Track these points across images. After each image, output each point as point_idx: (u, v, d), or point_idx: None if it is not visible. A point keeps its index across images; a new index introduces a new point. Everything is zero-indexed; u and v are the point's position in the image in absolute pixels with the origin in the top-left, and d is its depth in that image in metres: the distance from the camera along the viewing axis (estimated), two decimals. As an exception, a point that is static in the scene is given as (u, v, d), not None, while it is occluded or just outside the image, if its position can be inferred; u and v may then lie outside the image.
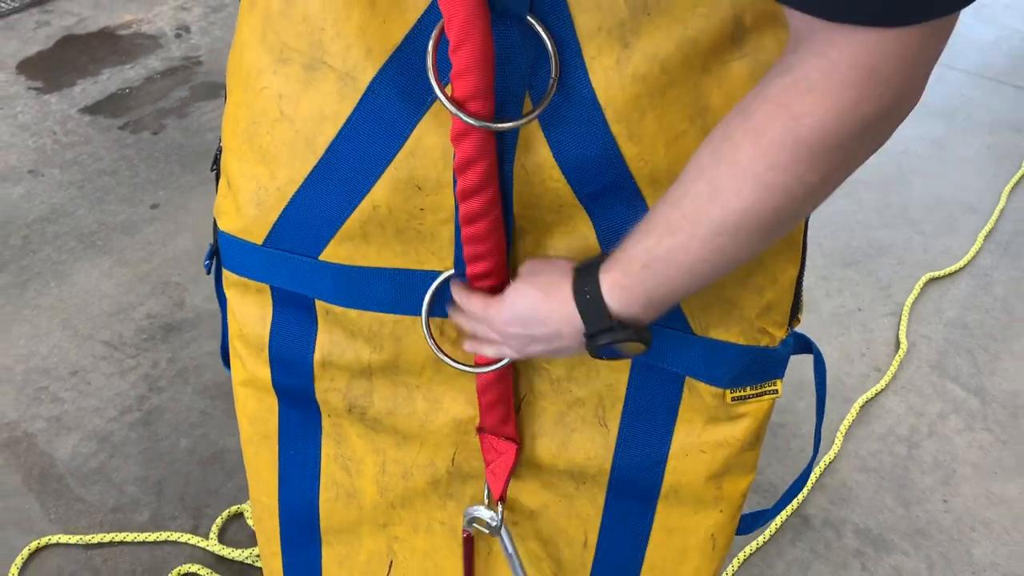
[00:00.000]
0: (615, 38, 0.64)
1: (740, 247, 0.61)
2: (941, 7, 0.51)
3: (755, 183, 0.57)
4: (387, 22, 0.66)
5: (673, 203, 0.62)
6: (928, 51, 0.53)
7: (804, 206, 0.59)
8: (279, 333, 0.87)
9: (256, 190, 0.77)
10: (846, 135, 0.55)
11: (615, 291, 0.65)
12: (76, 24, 2.76)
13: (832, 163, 0.56)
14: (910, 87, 0.55)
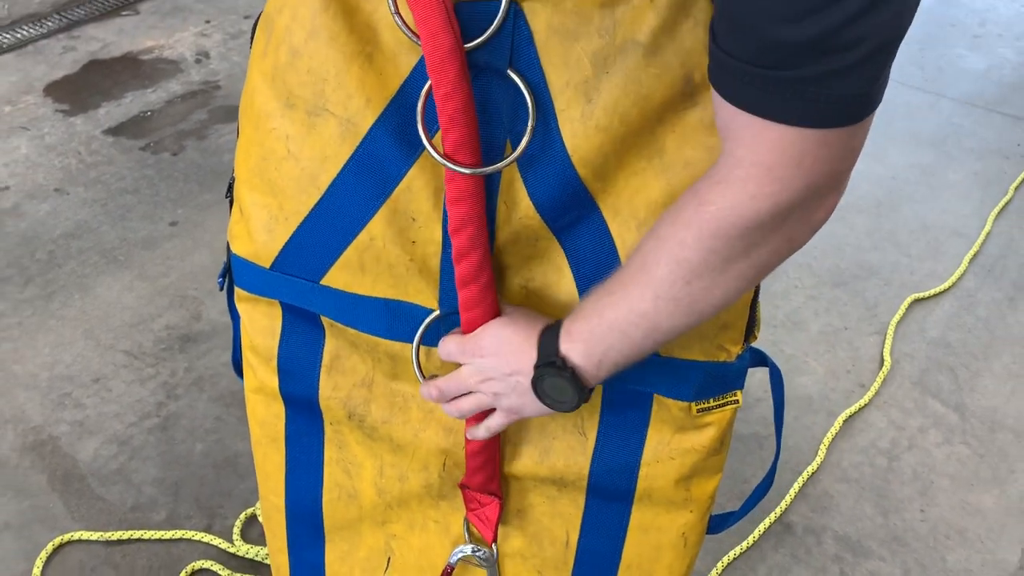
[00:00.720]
0: (580, 93, 0.73)
1: (659, 316, 0.70)
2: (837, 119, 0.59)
3: (668, 255, 0.68)
4: (383, 74, 0.75)
5: (621, 268, 0.73)
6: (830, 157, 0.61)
7: (712, 286, 0.68)
8: (287, 344, 0.95)
9: (266, 219, 0.86)
10: (744, 224, 0.64)
11: (565, 334, 0.74)
12: (101, 49, 2.88)
13: (730, 249, 0.66)
14: (808, 188, 0.62)
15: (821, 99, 0.58)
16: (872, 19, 0.55)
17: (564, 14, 0.71)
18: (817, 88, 0.58)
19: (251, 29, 0.92)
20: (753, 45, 0.59)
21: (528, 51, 0.73)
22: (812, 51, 0.56)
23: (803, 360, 1.94)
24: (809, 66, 0.57)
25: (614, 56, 0.72)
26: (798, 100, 0.58)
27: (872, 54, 0.57)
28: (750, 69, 0.60)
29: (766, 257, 0.67)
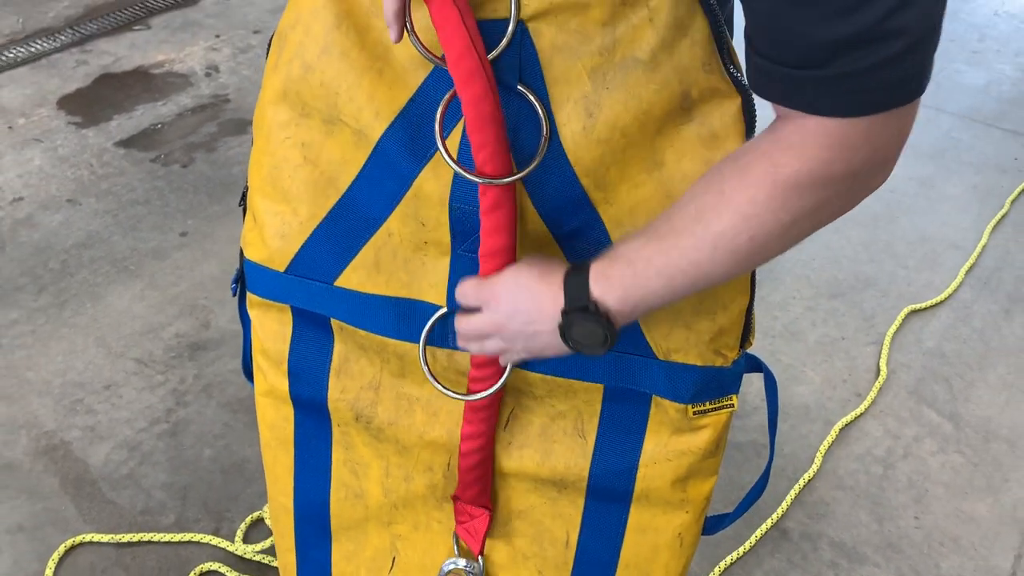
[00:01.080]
0: (581, 108, 0.77)
1: (714, 266, 0.71)
2: (892, 102, 0.63)
3: (734, 211, 0.69)
4: (392, 89, 0.80)
5: (666, 217, 0.73)
6: (890, 131, 0.65)
7: (773, 241, 0.70)
8: (297, 348, 0.98)
9: (280, 225, 0.90)
10: (817, 186, 0.66)
11: (598, 278, 0.74)
12: (113, 63, 2.93)
13: (801, 208, 0.68)
14: (877, 157, 0.67)
15: (870, 89, 0.61)
16: (907, 12, 0.58)
17: (567, 33, 0.75)
18: (864, 80, 0.61)
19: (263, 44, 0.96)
20: (799, 49, 0.62)
21: (533, 67, 0.77)
22: (853, 47, 0.60)
23: (800, 370, 1.97)
24: (853, 61, 0.60)
25: (614, 72, 0.76)
26: (848, 95, 0.62)
27: (913, 44, 0.60)
28: (799, 73, 0.63)
29: (827, 215, 0.70)
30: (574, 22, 0.75)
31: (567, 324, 0.76)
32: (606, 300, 0.74)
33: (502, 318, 0.80)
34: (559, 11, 0.75)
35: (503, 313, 0.80)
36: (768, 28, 0.64)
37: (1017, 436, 1.84)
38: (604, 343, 0.76)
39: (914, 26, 0.59)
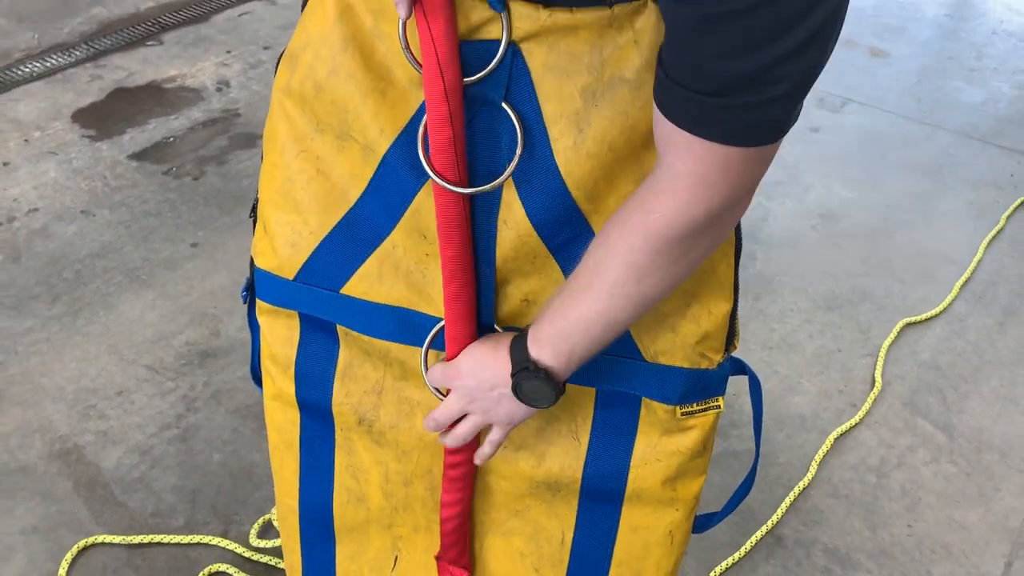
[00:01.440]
0: (572, 124, 0.82)
1: (616, 312, 0.80)
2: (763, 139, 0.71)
3: (619, 261, 0.78)
4: (395, 107, 0.85)
5: (575, 274, 0.82)
6: (749, 170, 0.73)
7: (658, 282, 0.79)
8: (304, 353, 1.03)
9: (291, 234, 0.95)
10: (684, 228, 0.75)
11: (533, 341, 0.84)
12: (126, 78, 2.99)
13: (674, 248, 0.77)
14: (734, 196, 0.75)
15: (750, 123, 0.69)
16: (794, 62, 0.66)
17: (558, 54, 0.81)
18: (746, 114, 0.69)
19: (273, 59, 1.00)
20: (697, 76, 0.69)
21: (526, 86, 0.82)
22: (746, 84, 0.67)
23: (797, 380, 2.01)
24: (741, 96, 0.68)
25: (603, 91, 0.81)
26: (730, 123, 0.70)
27: (793, 89, 0.68)
28: (693, 96, 0.70)
29: (701, 253, 0.79)
30: (564, 44, 0.80)
31: (516, 384, 0.85)
32: (542, 359, 0.83)
33: (470, 391, 0.88)
34: (550, 33, 0.80)
35: (470, 387, 0.88)
36: (675, 49, 0.70)
37: (1009, 447, 1.88)
38: (551, 397, 0.85)
39: (796, 76, 0.67)
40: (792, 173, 2.66)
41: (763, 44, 0.65)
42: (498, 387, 0.87)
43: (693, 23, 0.67)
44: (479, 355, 0.88)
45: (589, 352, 0.84)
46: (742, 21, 0.64)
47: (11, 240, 2.30)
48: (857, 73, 3.18)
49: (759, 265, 2.33)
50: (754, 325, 2.14)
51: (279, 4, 3.45)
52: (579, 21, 0.80)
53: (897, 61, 3.30)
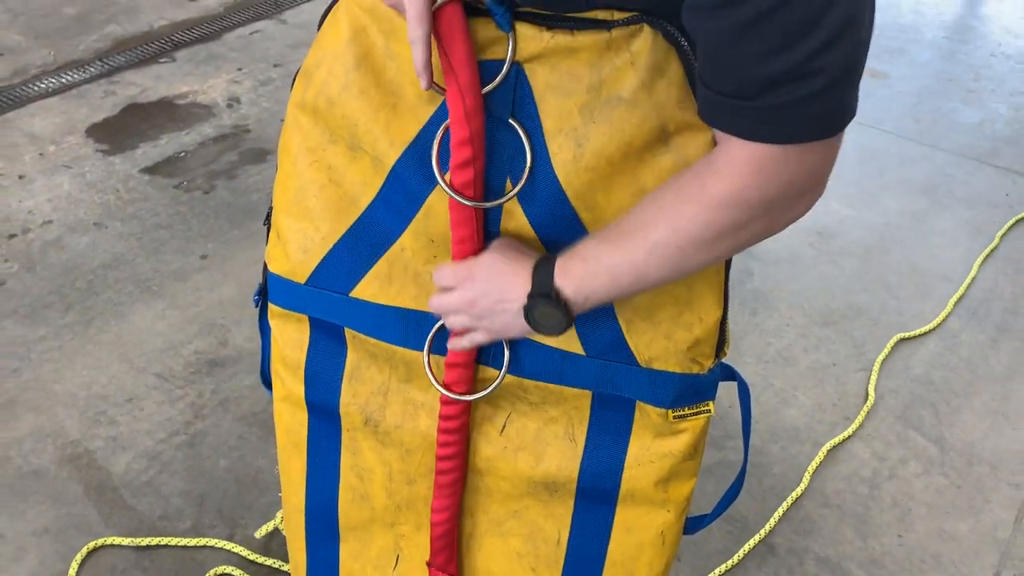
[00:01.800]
0: (571, 139, 0.87)
1: (648, 268, 0.83)
2: (810, 135, 0.73)
3: (667, 223, 0.81)
4: (405, 121, 0.90)
5: (617, 224, 0.84)
6: (807, 163, 0.75)
7: (699, 253, 0.81)
8: (314, 355, 1.08)
9: (303, 240, 1.00)
10: (737, 206, 0.78)
11: (560, 271, 0.85)
12: (139, 94, 3.06)
13: (723, 224, 0.79)
14: (794, 186, 0.77)
15: (797, 119, 0.72)
16: (828, 55, 0.68)
17: (559, 73, 0.86)
18: (792, 111, 0.71)
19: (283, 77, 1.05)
20: (736, 82, 0.73)
21: (528, 104, 0.87)
22: (785, 81, 0.70)
23: (792, 393, 2.05)
24: (781, 95, 0.70)
25: (601, 108, 0.86)
26: (778, 122, 0.72)
27: (832, 83, 0.70)
28: (736, 103, 0.73)
29: (748, 236, 0.81)
30: (565, 64, 0.86)
31: (531, 307, 0.87)
32: (565, 290, 0.85)
33: (475, 295, 0.90)
34: (552, 54, 0.86)
35: (476, 291, 0.89)
36: (713, 63, 0.74)
37: (999, 460, 1.91)
38: (561, 326, 0.87)
39: (834, 66, 0.69)
40: (790, 191, 2.71)
41: (795, 41, 0.68)
42: (506, 301, 0.88)
43: (726, 33, 0.70)
44: (498, 264, 0.89)
45: (608, 297, 0.87)
46: (769, 22, 0.67)
47: (26, 251, 2.36)
48: (856, 94, 3.24)
49: (756, 281, 2.37)
50: (751, 339, 2.18)
51: (289, 23, 3.53)
52: (579, 43, 0.86)
53: (896, 82, 3.36)
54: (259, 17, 3.56)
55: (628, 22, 0.85)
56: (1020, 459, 1.92)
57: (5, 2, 3.58)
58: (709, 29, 0.71)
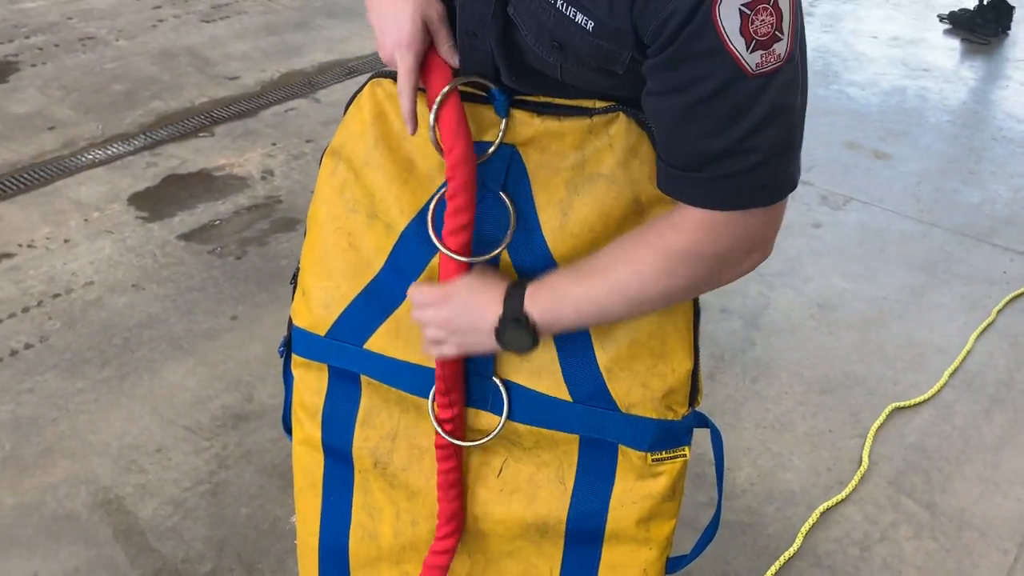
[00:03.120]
0: (558, 209, 1.01)
1: (610, 305, 0.95)
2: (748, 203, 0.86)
3: (628, 266, 0.94)
4: (415, 193, 1.05)
5: (586, 261, 0.97)
6: (750, 225, 0.89)
7: (655, 295, 0.94)
8: (331, 401, 1.20)
9: (325, 297, 1.14)
10: (688, 258, 0.91)
11: (529, 298, 0.98)
12: (179, 166, 3.26)
13: (676, 272, 0.92)
14: (741, 245, 0.90)
15: (738, 189, 0.85)
16: (760, 136, 0.82)
17: (548, 154, 1.01)
18: (730, 182, 0.85)
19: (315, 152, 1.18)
20: (684, 156, 0.87)
21: (522, 180, 1.02)
22: (721, 159, 0.84)
23: (788, 458, 2.13)
24: (721, 168, 0.84)
25: (583, 183, 1.00)
26: (718, 193, 0.86)
27: (764, 160, 0.84)
28: (685, 175, 0.87)
29: (697, 283, 0.94)
30: (554, 146, 1.01)
31: (502, 328, 0.99)
32: (533, 315, 0.98)
33: (451, 314, 1.01)
34: (542, 137, 1.01)
35: (452, 310, 1.01)
36: (666, 140, 0.88)
37: (988, 526, 1.98)
38: (528, 347, 0.99)
39: (765, 146, 0.83)
40: (793, 265, 2.83)
41: (729, 124, 0.82)
42: (478, 321, 0.99)
43: (675, 115, 0.84)
44: (476, 285, 1.00)
45: (574, 326, 0.99)
46: (707, 108, 0.82)
47: (68, 309, 2.52)
48: (860, 174, 3.37)
49: (758, 350, 2.47)
50: (751, 405, 2.27)
51: (322, 102, 3.74)
52: (565, 128, 1.01)
53: (899, 163, 3.49)
54: (294, 96, 3.79)
55: (607, 110, 1.00)
56: (1009, 525, 1.98)
57: (59, 79, 3.84)
58: (661, 110, 0.86)
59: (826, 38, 4.72)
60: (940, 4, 5.26)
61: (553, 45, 0.91)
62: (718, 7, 0.76)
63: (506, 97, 1.02)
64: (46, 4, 4.63)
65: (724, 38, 0.77)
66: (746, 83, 0.79)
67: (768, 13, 0.77)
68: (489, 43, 0.96)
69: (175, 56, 4.11)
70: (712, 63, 0.79)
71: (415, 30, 0.95)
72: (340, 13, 4.70)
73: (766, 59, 0.79)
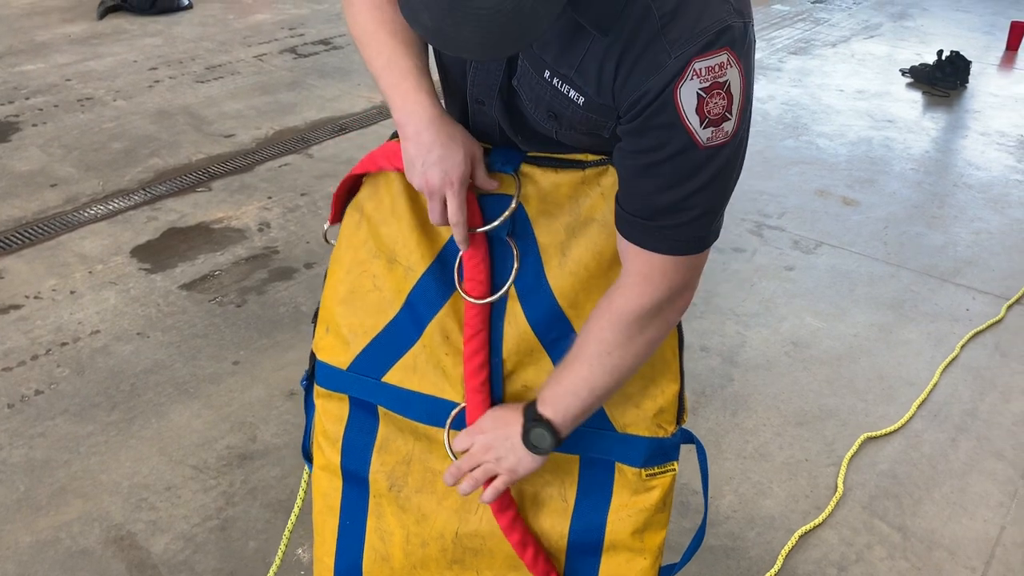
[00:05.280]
0: (559, 251, 1.15)
1: (597, 379, 1.10)
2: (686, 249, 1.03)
3: (596, 340, 1.10)
4: (433, 241, 1.19)
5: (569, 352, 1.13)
6: (682, 270, 1.05)
7: (628, 356, 1.09)
8: (351, 429, 1.31)
9: (348, 334, 1.26)
10: (635, 313, 1.07)
11: (539, 401, 1.13)
12: (178, 219, 3.39)
13: (630, 329, 1.08)
14: (674, 288, 1.06)
15: (675, 238, 1.02)
16: (701, 196, 0.99)
17: (548, 203, 1.16)
18: (672, 232, 1.01)
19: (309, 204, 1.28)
20: (637, 206, 1.03)
21: (526, 226, 1.16)
22: (668, 210, 1.00)
23: (767, 486, 2.25)
24: (666, 219, 1.01)
25: (580, 228, 1.15)
26: (661, 239, 1.02)
27: (702, 215, 1.01)
28: (636, 220, 1.03)
29: (654, 333, 1.09)
30: (552, 196, 1.16)
31: (526, 433, 1.14)
32: (546, 413, 1.13)
33: (488, 441, 1.16)
34: (542, 191, 1.15)
35: (489, 438, 1.16)
36: (624, 190, 1.04)
37: (957, 546, 2.10)
38: (551, 443, 1.13)
39: (704, 204, 1.01)
40: (767, 306, 2.98)
41: (677, 184, 0.99)
42: (511, 437, 1.14)
43: (633, 172, 1.01)
44: (498, 414, 1.17)
45: (581, 411, 1.12)
46: (659, 170, 0.98)
47: (76, 357, 2.62)
48: (830, 220, 3.55)
49: (736, 386, 2.61)
50: (731, 437, 2.40)
51: (315, 157, 3.90)
52: (562, 180, 1.16)
53: (866, 209, 3.67)
54: (288, 152, 3.94)
55: (598, 163, 1.15)
56: (976, 545, 2.10)
57: (60, 138, 3.98)
58: (625, 166, 1.03)
59: (795, 92, 4.95)
60: (902, 59, 5.54)
61: (550, 115, 1.06)
62: (679, 89, 0.92)
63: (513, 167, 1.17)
64: (45, 66, 4.79)
65: (682, 114, 0.93)
66: (696, 152, 0.96)
67: (721, 97, 0.93)
68: (494, 110, 1.11)
69: (172, 115, 4.27)
70: (671, 133, 0.95)
71: (467, 170, 1.09)
72: (331, 73, 4.89)
73: (715, 135, 0.96)
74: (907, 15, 6.61)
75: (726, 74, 0.93)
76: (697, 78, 0.92)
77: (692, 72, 0.91)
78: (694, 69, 0.91)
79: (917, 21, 6.45)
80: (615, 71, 0.96)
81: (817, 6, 6.80)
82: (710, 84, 0.92)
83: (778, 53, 5.57)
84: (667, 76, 0.92)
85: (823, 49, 5.75)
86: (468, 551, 1.29)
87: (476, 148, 1.11)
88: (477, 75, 1.10)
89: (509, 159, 1.17)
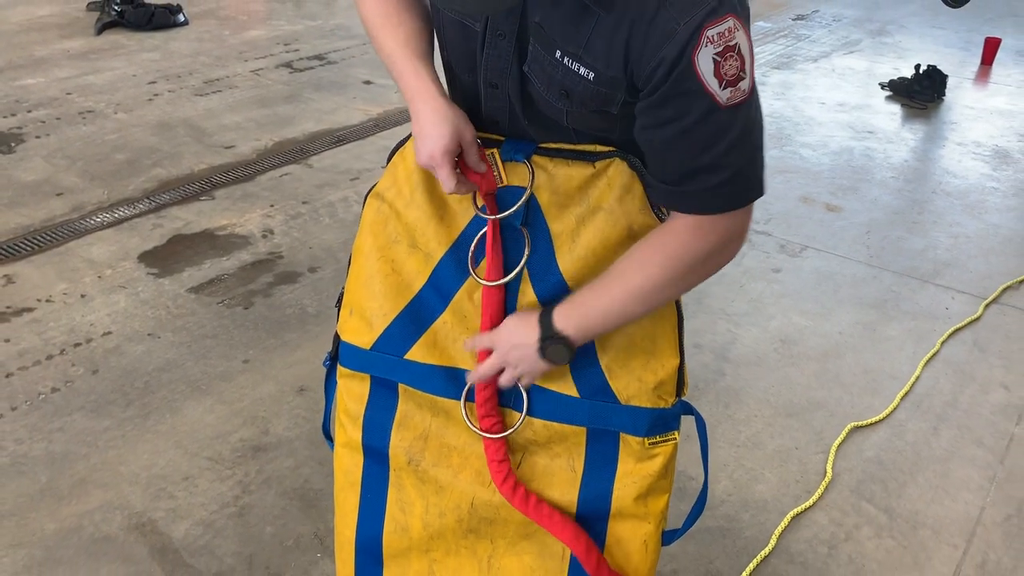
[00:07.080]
0: (569, 238, 1.26)
1: (629, 306, 1.18)
2: (725, 207, 1.12)
3: (640, 272, 1.17)
4: (449, 228, 1.29)
5: (603, 275, 1.20)
6: (728, 224, 1.13)
7: (666, 290, 1.18)
8: (372, 406, 1.40)
9: (370, 315, 1.36)
10: (689, 257, 1.15)
11: (558, 316, 1.21)
12: (183, 226, 3.48)
13: (678, 269, 1.16)
14: (723, 239, 1.15)
15: (712, 198, 1.11)
16: (729, 157, 1.08)
17: (559, 194, 1.26)
18: (708, 193, 1.10)
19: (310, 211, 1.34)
20: (670, 174, 1.12)
21: (538, 215, 1.26)
22: (701, 173, 1.09)
23: (760, 472, 2.36)
24: (700, 182, 1.10)
25: (589, 216, 1.25)
26: (698, 200, 1.11)
27: (733, 175, 1.09)
28: (672, 188, 1.13)
29: (698, 277, 1.18)
30: (564, 188, 1.26)
31: (542, 347, 1.22)
32: (565, 330, 1.21)
33: (506, 349, 1.25)
34: (555, 183, 1.26)
35: (506, 346, 1.25)
36: (656, 161, 1.14)
37: (940, 525, 2.21)
38: (567, 357, 1.22)
39: (733, 164, 1.09)
40: (756, 306, 3.10)
41: (705, 149, 1.07)
42: (526, 347, 1.22)
43: (663, 143, 1.10)
44: (513, 325, 1.24)
45: (601, 331, 1.21)
46: (687, 137, 1.07)
47: (90, 357, 2.70)
48: (814, 225, 3.68)
49: (728, 380, 2.72)
50: (724, 427, 2.50)
51: (315, 167, 4.00)
52: (573, 173, 1.27)
53: (849, 215, 3.81)
54: (288, 162, 4.04)
55: (607, 156, 1.26)
56: (957, 525, 2.21)
57: (63, 150, 4.06)
58: (654, 139, 1.12)
59: (779, 104, 5.10)
60: (881, 73, 5.71)
61: (562, 93, 1.16)
62: (697, 55, 1.01)
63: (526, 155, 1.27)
64: (46, 80, 4.87)
65: (703, 80, 1.03)
66: (720, 113, 1.05)
67: (734, 59, 1.03)
68: (507, 92, 1.22)
69: (172, 127, 4.36)
70: (694, 99, 1.04)
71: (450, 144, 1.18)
72: (327, 87, 5.00)
73: (734, 95, 1.05)
74: (885, 31, 6.80)
75: (735, 37, 1.02)
76: (711, 44, 1.00)
77: (706, 39, 1.00)
78: (707, 36, 1.00)
79: (895, 37, 6.65)
80: (625, 46, 1.05)
81: (799, 23, 6.99)
82: (723, 48, 1.01)
83: (761, 68, 5.73)
84: (680, 43, 1.01)
85: (805, 64, 5.92)
86: (483, 520, 1.38)
87: (467, 130, 1.20)
88: (490, 58, 1.19)
89: (521, 148, 1.27)
